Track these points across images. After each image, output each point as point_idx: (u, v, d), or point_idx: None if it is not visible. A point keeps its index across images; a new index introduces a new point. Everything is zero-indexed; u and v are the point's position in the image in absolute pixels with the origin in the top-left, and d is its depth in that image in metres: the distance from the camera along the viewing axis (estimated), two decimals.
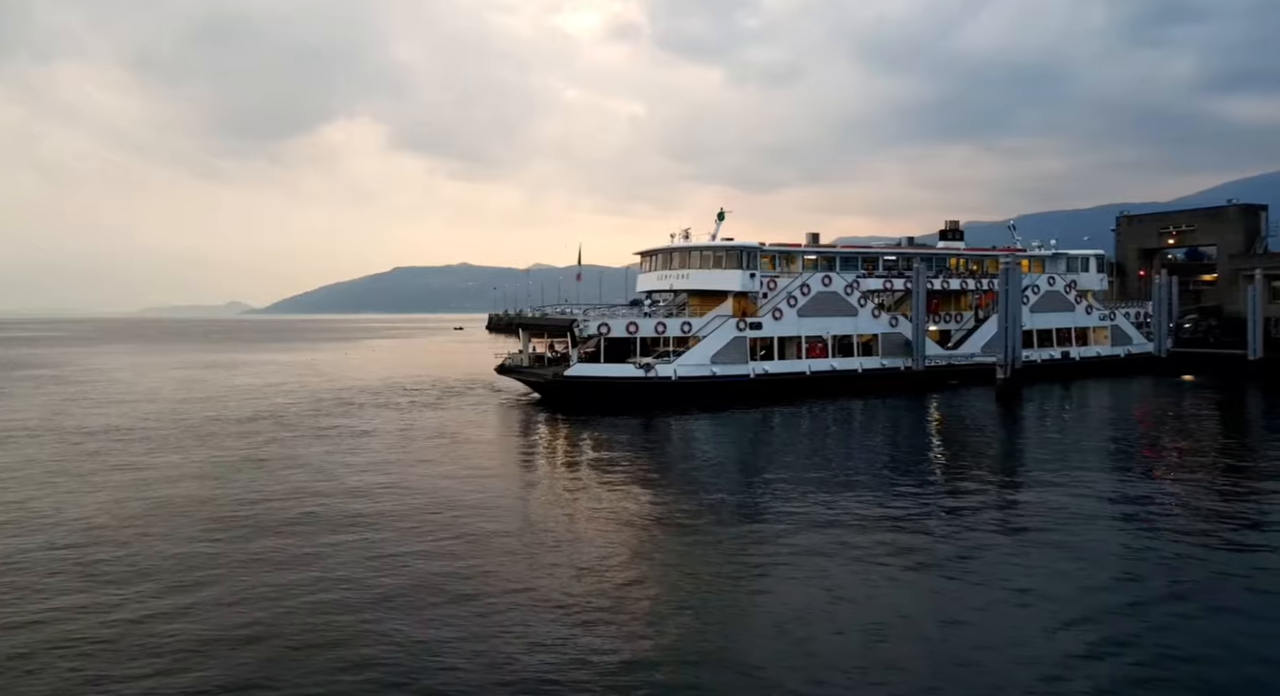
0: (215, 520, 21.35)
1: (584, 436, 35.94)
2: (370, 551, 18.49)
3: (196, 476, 27.00)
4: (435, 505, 22.90)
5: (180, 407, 45.33)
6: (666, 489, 25.35)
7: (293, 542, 19.28)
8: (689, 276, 49.37)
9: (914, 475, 27.38)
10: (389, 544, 19.12)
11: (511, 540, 19.51)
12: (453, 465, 28.99)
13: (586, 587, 16.10)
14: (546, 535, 19.94)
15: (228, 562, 17.77)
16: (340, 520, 21.30)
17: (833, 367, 49.00)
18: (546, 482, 27.10)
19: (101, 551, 18.66)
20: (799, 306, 48.61)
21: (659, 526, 20.70)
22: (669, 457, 31.70)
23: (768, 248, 49.76)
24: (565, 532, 20.24)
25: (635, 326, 46.12)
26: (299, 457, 30.26)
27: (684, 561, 17.94)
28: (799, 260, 51.52)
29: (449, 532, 20.07)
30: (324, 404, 46.83)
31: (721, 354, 46.11)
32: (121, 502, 23.39)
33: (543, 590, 15.93)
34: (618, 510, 22.38)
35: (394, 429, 37.19)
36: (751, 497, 23.89)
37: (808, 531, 19.86)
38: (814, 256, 51.85)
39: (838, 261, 51.90)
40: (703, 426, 38.94)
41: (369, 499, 23.67)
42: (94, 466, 28.72)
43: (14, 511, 22.45)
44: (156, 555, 18.37)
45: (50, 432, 36.36)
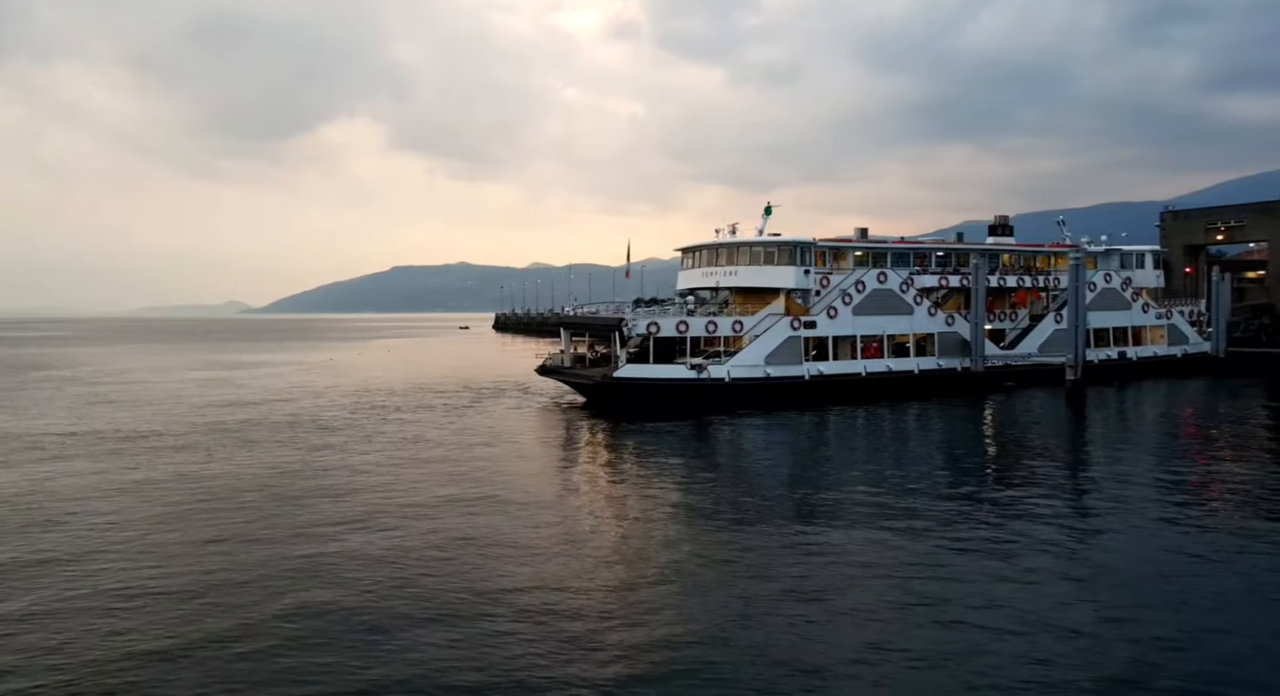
0: (296, 534, 19.56)
1: (640, 441, 34.16)
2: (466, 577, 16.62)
3: (258, 487, 25.11)
4: (505, 519, 21.29)
5: (213, 411, 43.41)
6: (735, 497, 23.58)
7: (390, 568, 17.38)
8: (737, 273, 47.42)
9: (1002, 488, 24.90)
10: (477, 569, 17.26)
11: (591, 553, 18.09)
12: (516, 475, 27.22)
13: (654, 597, 15.37)
14: (643, 565, 17.92)
15: (331, 585, 15.93)
16: (423, 535, 19.58)
17: (889, 368, 47.10)
18: (626, 497, 25.03)
19: (177, 571, 16.80)
20: (854, 304, 46.69)
21: (727, 535, 19.40)
22: (734, 464, 30.00)
23: (820, 243, 47.75)
24: (647, 551, 18.52)
25: (685, 325, 44.20)
26: (356, 467, 28.44)
27: (762, 575, 16.61)
28: (849, 256, 49.54)
29: (539, 553, 18.35)
30: (359, 407, 44.93)
31: (775, 354, 44.20)
32: (188, 516, 21.61)
33: (620, 614, 14.62)
34: (691, 521, 21.08)
35: (443, 435, 35.26)
36: (826, 509, 21.90)
37: (911, 552, 18.12)
38: (864, 252, 49.84)
39: (889, 258, 49.94)
40: (759, 430, 37.13)
41: (446, 514, 21.88)
42: (146, 476, 26.83)
43: (79, 528, 20.53)
44: (240, 568, 16.56)
45: (87, 439, 34.45)
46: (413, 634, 13.66)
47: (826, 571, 16.68)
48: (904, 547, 18.30)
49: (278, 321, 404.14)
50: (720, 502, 22.91)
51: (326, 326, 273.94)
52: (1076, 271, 42.48)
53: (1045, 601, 14.99)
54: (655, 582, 16.30)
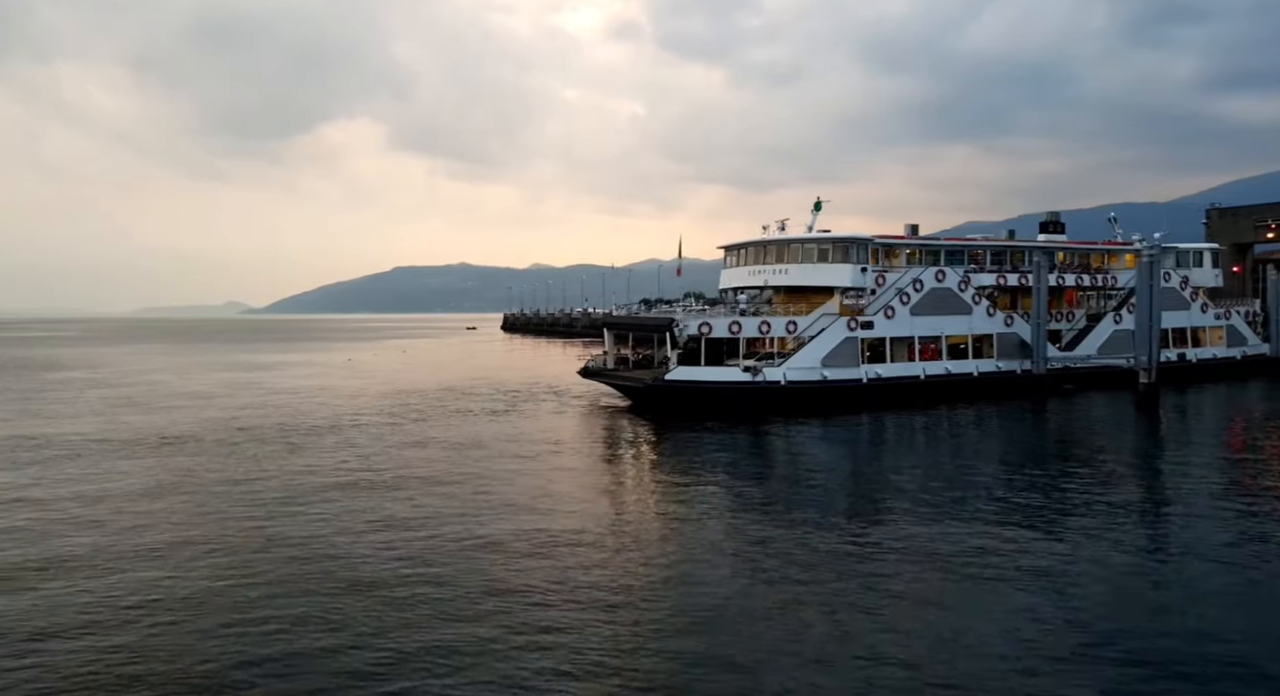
0: (381, 548, 17.82)
1: (702, 448, 32.33)
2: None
3: (318, 495, 23.36)
4: (581, 531, 19.69)
5: (249, 414, 41.69)
6: (811, 512, 21.86)
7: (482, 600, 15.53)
8: (788, 271, 45.54)
9: (1100, 511, 21.92)
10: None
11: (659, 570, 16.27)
12: (585, 483, 25.68)
13: (714, 613, 14.54)
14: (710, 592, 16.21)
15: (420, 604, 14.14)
16: (498, 548, 17.95)
17: (947, 371, 45.25)
18: (704, 512, 23.12)
19: (259, 592, 15.04)
20: (911, 304, 44.81)
21: (803, 551, 17.74)
22: (803, 474, 27.97)
23: (875, 240, 45.87)
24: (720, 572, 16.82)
25: (738, 326, 42.38)
26: (421, 475, 26.69)
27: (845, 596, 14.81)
28: (901, 254, 47.66)
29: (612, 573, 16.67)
30: (397, 410, 43.20)
31: (832, 356, 42.36)
32: (253, 525, 19.90)
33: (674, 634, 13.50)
34: (765, 531, 19.71)
35: (497, 441, 33.49)
36: (915, 538, 19.31)
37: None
38: (916, 250, 47.96)
39: (942, 255, 48.08)
40: (819, 437, 35.24)
41: (526, 525, 20.14)
42: (200, 483, 25.16)
43: (142, 543, 18.78)
44: (330, 581, 14.82)
45: (126, 444, 32.75)
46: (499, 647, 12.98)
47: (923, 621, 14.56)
48: (1006, 582, 16.38)
49: (280, 322, 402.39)
50: (795, 516, 21.20)
51: (331, 327, 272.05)
52: (1150, 269, 40.58)
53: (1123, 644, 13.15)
54: (718, 595, 15.36)
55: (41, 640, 13.33)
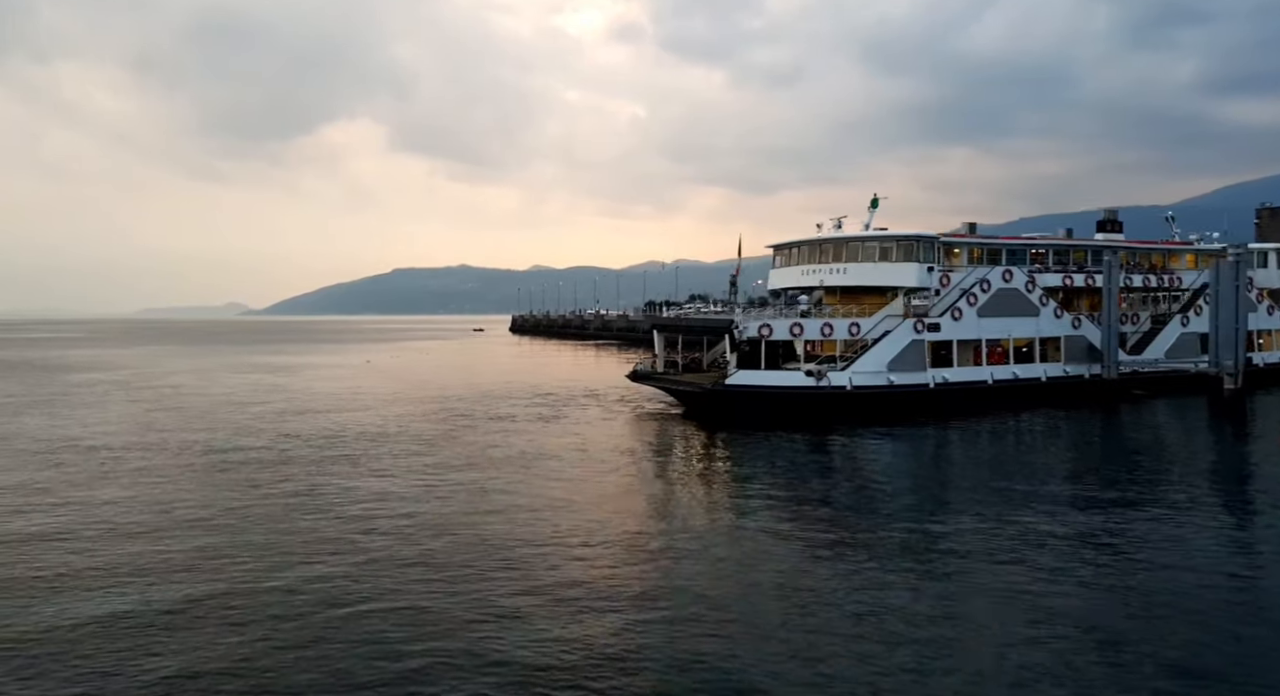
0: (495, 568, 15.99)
1: (775, 457, 30.73)
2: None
3: (398, 509, 21.57)
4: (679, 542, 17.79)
5: (290, 420, 39.94)
6: (898, 529, 19.75)
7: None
8: (848, 271, 43.61)
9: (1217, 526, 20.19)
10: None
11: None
12: (657, 496, 23.79)
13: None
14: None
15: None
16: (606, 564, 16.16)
17: (1014, 375, 43.37)
18: (799, 531, 21.23)
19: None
20: (979, 305, 42.93)
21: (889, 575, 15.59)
22: (877, 486, 26.18)
23: (942, 238, 43.95)
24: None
25: (800, 328, 40.48)
26: (493, 488, 24.88)
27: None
28: (962, 253, 45.75)
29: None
30: (439, 416, 41.56)
31: (899, 360, 40.47)
32: (341, 540, 18.04)
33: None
34: (841, 550, 17.66)
35: (556, 450, 31.73)
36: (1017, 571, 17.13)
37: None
38: (977, 249, 46.06)
39: (1003, 254, 46.18)
40: (887, 445, 33.31)
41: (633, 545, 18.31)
42: (265, 494, 23.41)
43: (238, 555, 16.96)
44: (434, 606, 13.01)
45: (172, 451, 30.96)
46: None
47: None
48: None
49: (283, 323, 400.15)
50: (876, 535, 19.41)
51: (335, 328, 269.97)
52: (1236, 269, 38.77)
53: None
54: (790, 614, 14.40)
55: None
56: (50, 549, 18.25)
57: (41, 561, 17.32)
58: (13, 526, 20.25)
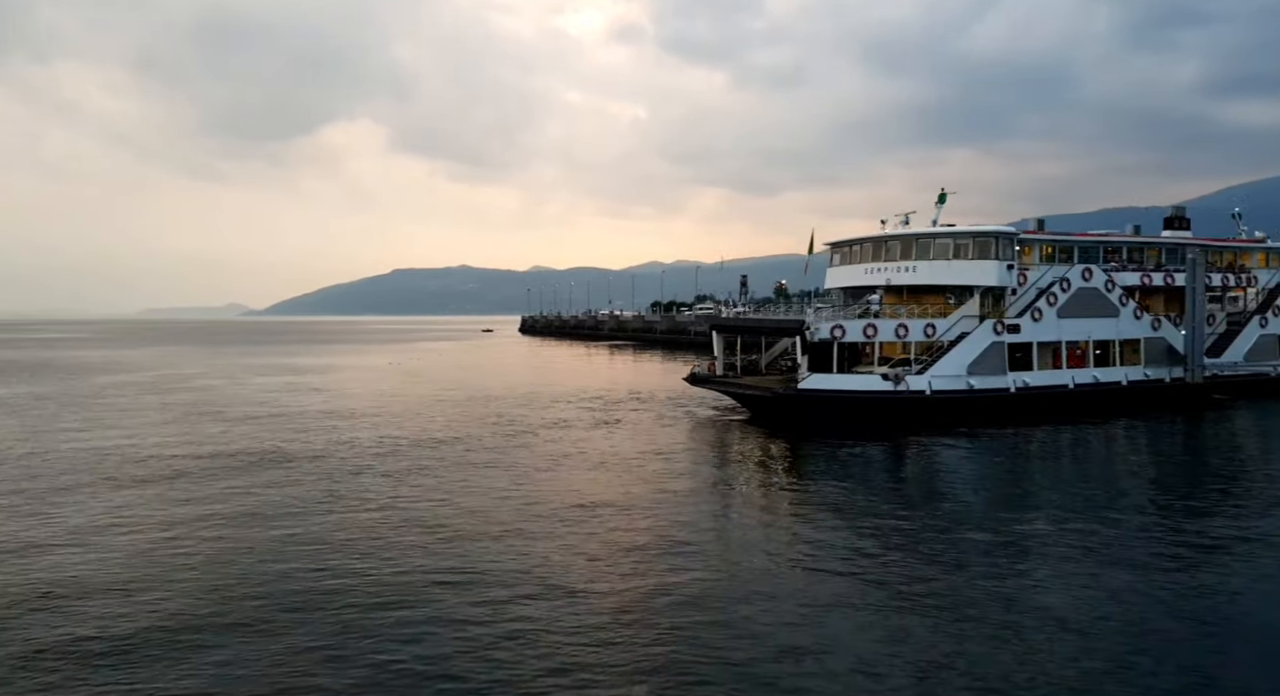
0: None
1: (857, 467, 29.16)
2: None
3: (494, 518, 19.65)
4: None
5: (336, 426, 38.13)
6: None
7: None
8: (917, 269, 41.59)
9: None
10: None
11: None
12: (748, 508, 21.71)
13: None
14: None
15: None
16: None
17: (1095, 379, 41.41)
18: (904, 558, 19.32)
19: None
20: (1058, 305, 40.97)
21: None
22: (975, 503, 24.00)
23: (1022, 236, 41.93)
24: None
25: (874, 329, 38.55)
26: (579, 500, 22.91)
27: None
28: (1034, 250, 43.70)
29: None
30: (490, 420, 39.81)
31: (978, 363, 38.51)
32: (445, 554, 16.21)
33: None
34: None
35: (634, 458, 30.04)
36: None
37: None
38: (1051, 245, 44.03)
39: (1075, 252, 44.18)
40: (970, 453, 31.38)
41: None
42: (354, 505, 21.57)
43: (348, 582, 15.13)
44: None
45: (229, 458, 29.13)
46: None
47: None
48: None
49: (286, 324, 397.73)
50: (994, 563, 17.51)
51: (341, 329, 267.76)
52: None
53: None
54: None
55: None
56: (180, 564, 16.39)
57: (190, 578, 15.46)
58: (122, 539, 18.40)
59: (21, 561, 17.30)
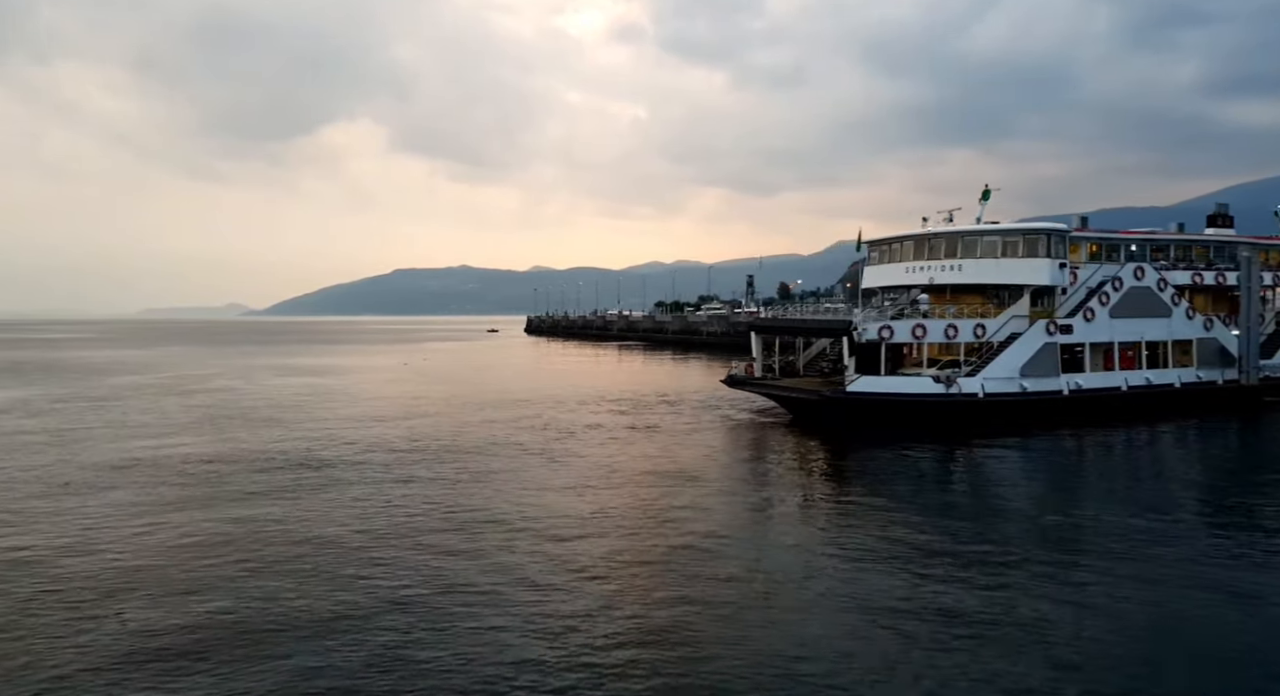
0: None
1: (916, 475, 28.16)
2: None
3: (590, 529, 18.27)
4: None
5: (373, 429, 36.98)
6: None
7: None
8: (963, 267, 40.34)
9: None
10: None
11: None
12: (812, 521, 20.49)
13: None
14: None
15: None
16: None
17: (1148, 381, 40.20)
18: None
19: None
20: (1110, 305, 39.76)
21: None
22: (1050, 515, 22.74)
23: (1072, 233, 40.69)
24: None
25: (923, 330, 37.35)
26: (659, 516, 21.73)
27: None
28: (1081, 247, 42.50)
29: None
30: (525, 424, 38.70)
31: (1031, 364, 37.29)
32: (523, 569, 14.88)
33: None
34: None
35: (687, 464, 28.96)
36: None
37: None
38: (1098, 243, 42.83)
39: (1123, 249, 42.96)
40: (1028, 458, 30.24)
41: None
42: (416, 512, 20.32)
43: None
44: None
45: (273, 466, 27.93)
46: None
47: None
48: None
49: (289, 324, 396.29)
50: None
51: (345, 329, 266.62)
52: None
53: None
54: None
55: None
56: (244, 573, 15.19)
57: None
58: (181, 543, 17.23)
59: (81, 562, 16.84)
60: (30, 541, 18.54)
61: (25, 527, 19.71)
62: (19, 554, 17.64)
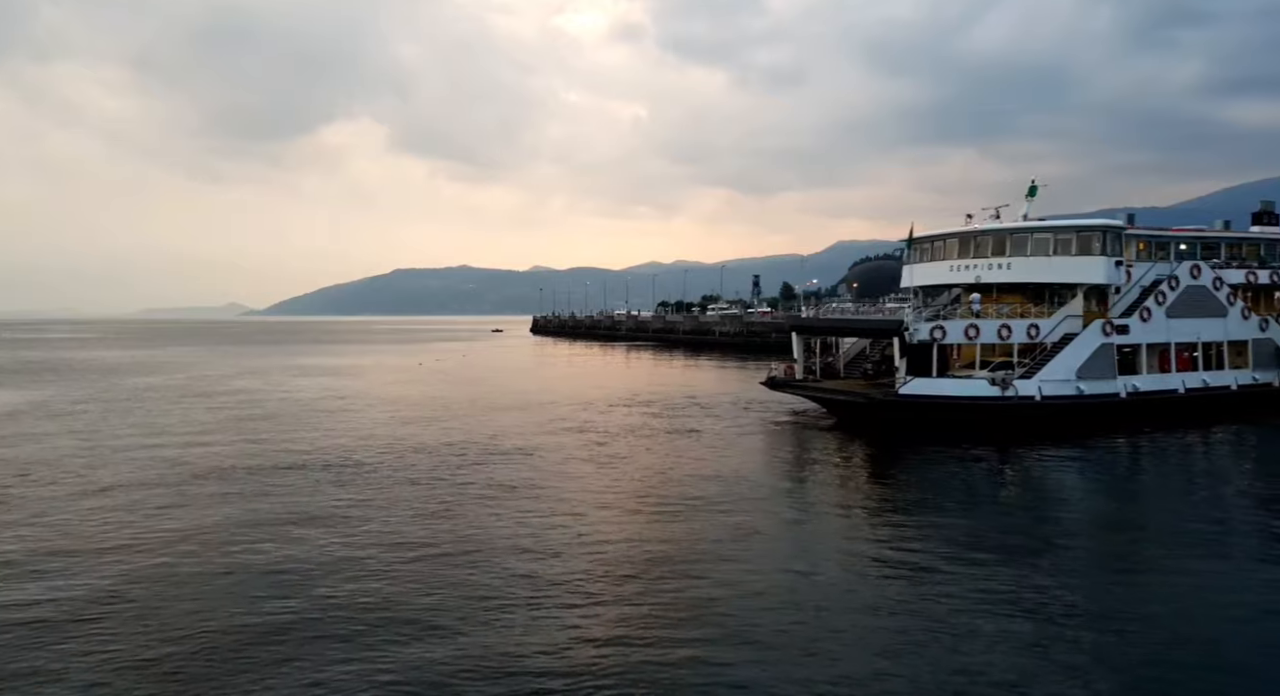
0: None
1: (987, 483, 26.84)
2: None
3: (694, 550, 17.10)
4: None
5: (406, 431, 35.96)
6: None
7: None
8: (1011, 265, 39.07)
9: None
10: None
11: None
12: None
13: None
14: None
15: None
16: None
17: (1204, 383, 38.98)
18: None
19: None
20: (1167, 305, 38.54)
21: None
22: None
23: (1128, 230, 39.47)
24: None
25: (975, 330, 36.12)
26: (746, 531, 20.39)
27: None
28: (1132, 245, 41.26)
29: None
30: (560, 426, 37.58)
31: (1088, 366, 36.05)
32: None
33: None
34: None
35: (741, 468, 27.95)
36: None
37: None
38: (1147, 241, 41.60)
39: (1172, 247, 41.74)
40: (1100, 467, 29.01)
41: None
42: (485, 517, 19.14)
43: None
44: None
45: (324, 469, 26.82)
46: None
47: None
48: None
49: (292, 323, 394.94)
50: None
51: (347, 329, 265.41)
52: None
53: None
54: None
55: None
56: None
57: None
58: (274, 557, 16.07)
59: (140, 561, 16.40)
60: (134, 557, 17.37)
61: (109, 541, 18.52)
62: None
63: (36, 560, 17.00)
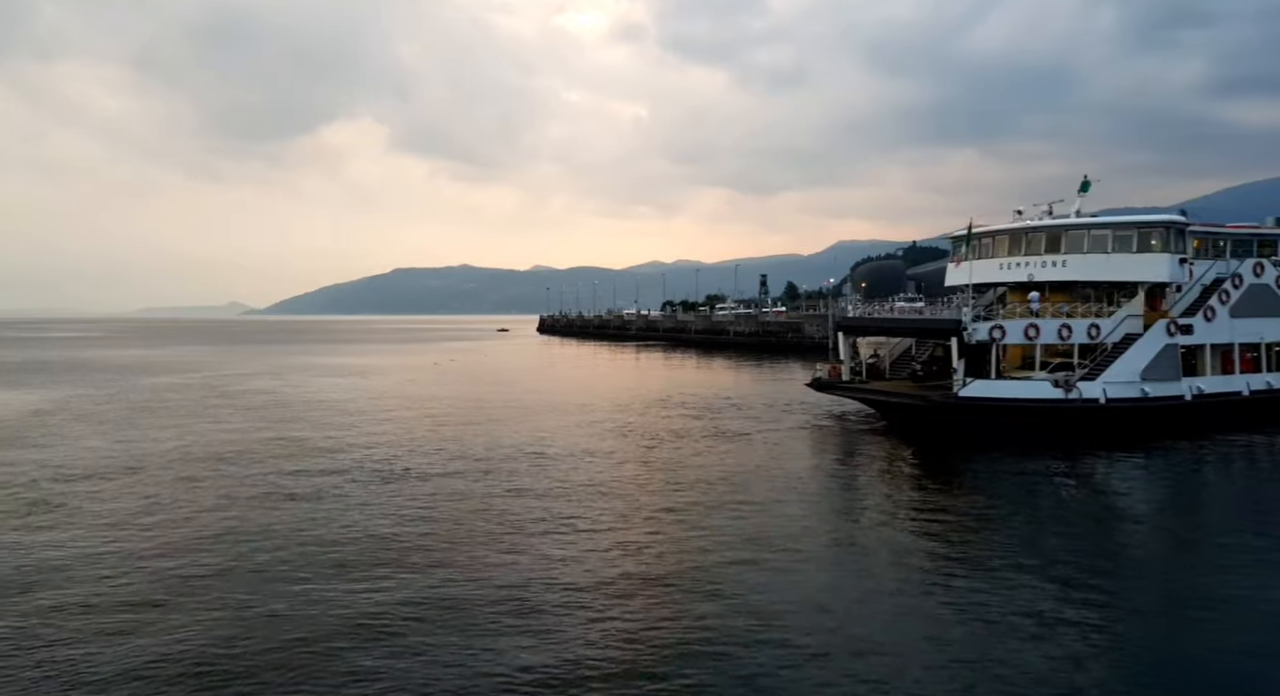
0: None
1: (1064, 489, 25.81)
2: None
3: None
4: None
5: (445, 433, 34.87)
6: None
7: None
8: (1066, 263, 37.79)
9: None
10: None
11: None
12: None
13: None
14: None
15: None
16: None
17: (1268, 385, 37.83)
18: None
19: None
20: (1231, 304, 37.32)
21: None
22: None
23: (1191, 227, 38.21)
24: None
25: (1036, 330, 34.85)
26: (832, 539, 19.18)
27: None
28: (1188, 243, 39.97)
29: None
30: (599, 428, 36.53)
31: (1152, 367, 34.80)
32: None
33: None
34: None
35: (798, 474, 27.17)
36: None
37: None
38: (1203, 239, 40.33)
39: (1228, 245, 40.50)
40: (1176, 473, 28.01)
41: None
42: (554, 525, 17.97)
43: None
44: None
45: (372, 475, 25.57)
46: None
47: None
48: None
49: (294, 323, 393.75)
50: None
51: (351, 328, 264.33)
52: None
53: None
54: None
55: None
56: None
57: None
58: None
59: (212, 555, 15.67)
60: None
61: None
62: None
63: (87, 562, 16.21)
